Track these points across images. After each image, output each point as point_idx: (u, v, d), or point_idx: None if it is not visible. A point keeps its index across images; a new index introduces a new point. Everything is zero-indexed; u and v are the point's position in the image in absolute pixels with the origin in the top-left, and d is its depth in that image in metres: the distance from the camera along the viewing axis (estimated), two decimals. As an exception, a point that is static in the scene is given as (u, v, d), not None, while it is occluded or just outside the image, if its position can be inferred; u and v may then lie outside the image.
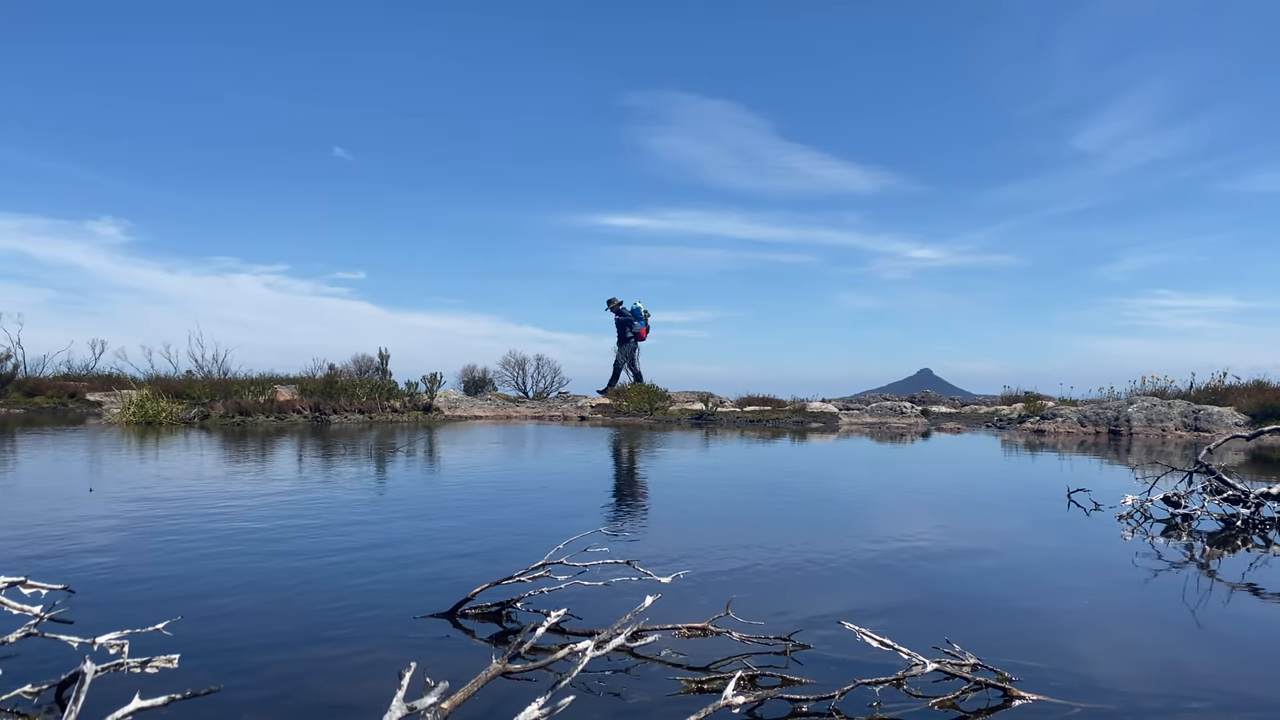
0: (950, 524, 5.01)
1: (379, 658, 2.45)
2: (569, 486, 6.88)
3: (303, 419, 14.81)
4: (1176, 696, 2.26)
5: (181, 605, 2.88)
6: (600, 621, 2.66)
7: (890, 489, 7.00)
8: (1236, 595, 3.43)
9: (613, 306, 18.96)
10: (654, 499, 6.14)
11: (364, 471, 7.41)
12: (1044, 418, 15.48)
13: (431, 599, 3.04)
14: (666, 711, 2.10)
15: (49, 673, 2.13)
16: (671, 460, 9.06)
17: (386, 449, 9.68)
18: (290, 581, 3.33)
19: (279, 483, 6.43)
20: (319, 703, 2.14)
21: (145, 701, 1.82)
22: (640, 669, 2.39)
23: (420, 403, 17.05)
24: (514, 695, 2.11)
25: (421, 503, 5.61)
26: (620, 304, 18.97)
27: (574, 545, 3.24)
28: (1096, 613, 3.13)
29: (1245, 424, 13.96)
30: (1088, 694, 2.22)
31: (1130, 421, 14.43)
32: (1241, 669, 2.53)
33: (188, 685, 2.02)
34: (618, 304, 18.97)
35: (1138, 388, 17.01)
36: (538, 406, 18.82)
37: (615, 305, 18.96)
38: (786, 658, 2.48)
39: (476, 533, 4.50)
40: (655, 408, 18.06)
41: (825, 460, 9.61)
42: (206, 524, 4.53)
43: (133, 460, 8.17)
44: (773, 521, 5.10)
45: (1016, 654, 2.51)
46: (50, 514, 4.78)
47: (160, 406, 13.86)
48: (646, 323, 19.17)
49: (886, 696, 2.18)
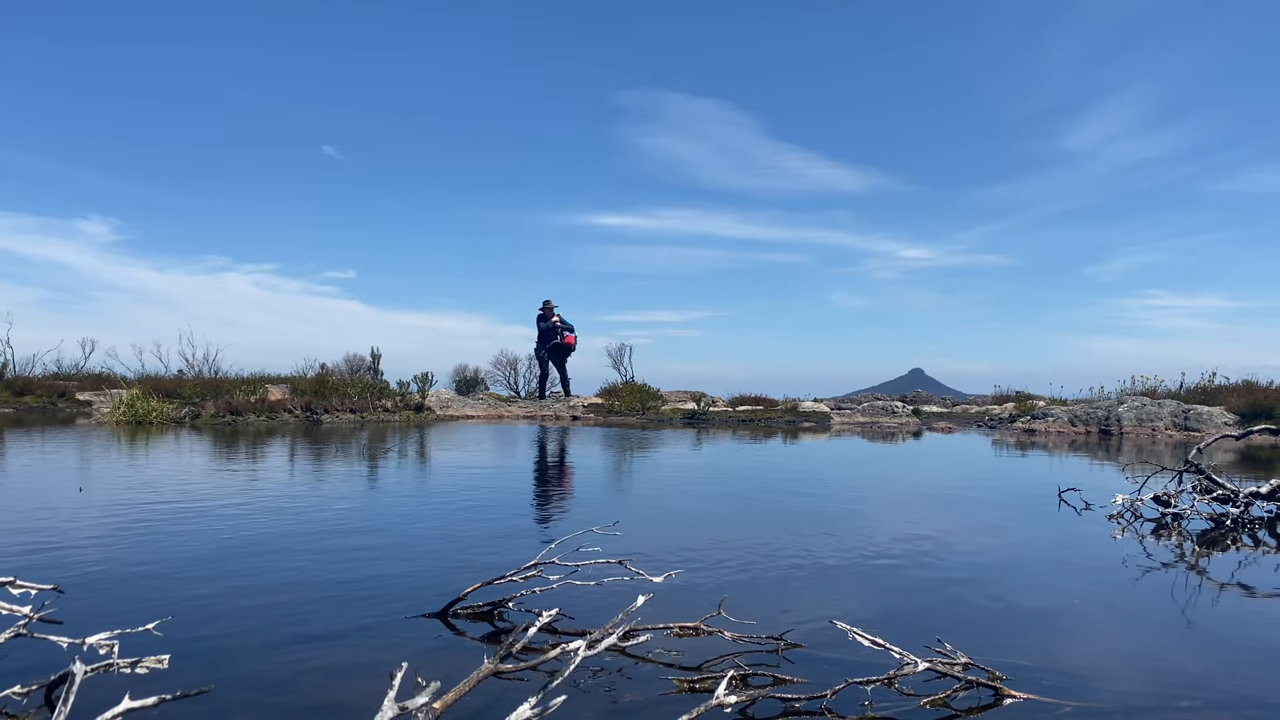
0: (941, 523, 5.03)
1: (370, 658, 2.45)
2: (560, 486, 6.87)
3: (294, 419, 14.77)
4: (1166, 695, 2.27)
5: (172, 605, 2.87)
6: (592, 621, 2.66)
7: (882, 489, 7.01)
8: (1226, 594, 3.45)
9: (549, 311, 18.76)
10: (646, 499, 6.14)
11: (355, 471, 7.39)
12: (1035, 417, 15.54)
13: (423, 599, 3.04)
14: (658, 711, 2.10)
15: (38, 673, 2.12)
16: (664, 460, 9.06)
17: (378, 449, 9.66)
18: (281, 582, 3.32)
19: (270, 483, 6.41)
20: (310, 703, 2.14)
21: (135, 702, 1.82)
22: (632, 669, 2.39)
23: (412, 402, 17.01)
24: (506, 695, 2.11)
25: (412, 502, 5.60)
26: (555, 309, 18.82)
27: (566, 545, 3.24)
28: (1087, 611, 3.15)
29: (1235, 424, 14.04)
30: (1078, 693, 2.23)
31: (1121, 421, 14.50)
32: (1231, 667, 2.54)
33: (178, 686, 2.01)
34: (552, 308, 18.82)
35: (1128, 387, 17.10)
36: (530, 406, 18.79)
37: (551, 309, 18.80)
38: (778, 657, 2.49)
39: (468, 532, 4.49)
40: (647, 407, 18.07)
41: (817, 460, 9.62)
42: (196, 524, 4.51)
43: (123, 460, 8.13)
44: (764, 521, 5.10)
45: (1008, 653, 2.52)
46: (39, 514, 4.75)
47: (151, 406, 13.79)
48: (564, 334, 18.97)
49: (878, 696, 2.19)
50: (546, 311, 18.75)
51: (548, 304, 18.83)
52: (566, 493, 6.44)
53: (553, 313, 18.71)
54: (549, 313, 18.71)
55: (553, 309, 18.76)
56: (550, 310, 18.74)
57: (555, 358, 19.05)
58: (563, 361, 19.07)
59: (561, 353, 18.99)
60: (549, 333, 18.76)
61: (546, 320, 18.68)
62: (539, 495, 6.30)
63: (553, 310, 18.75)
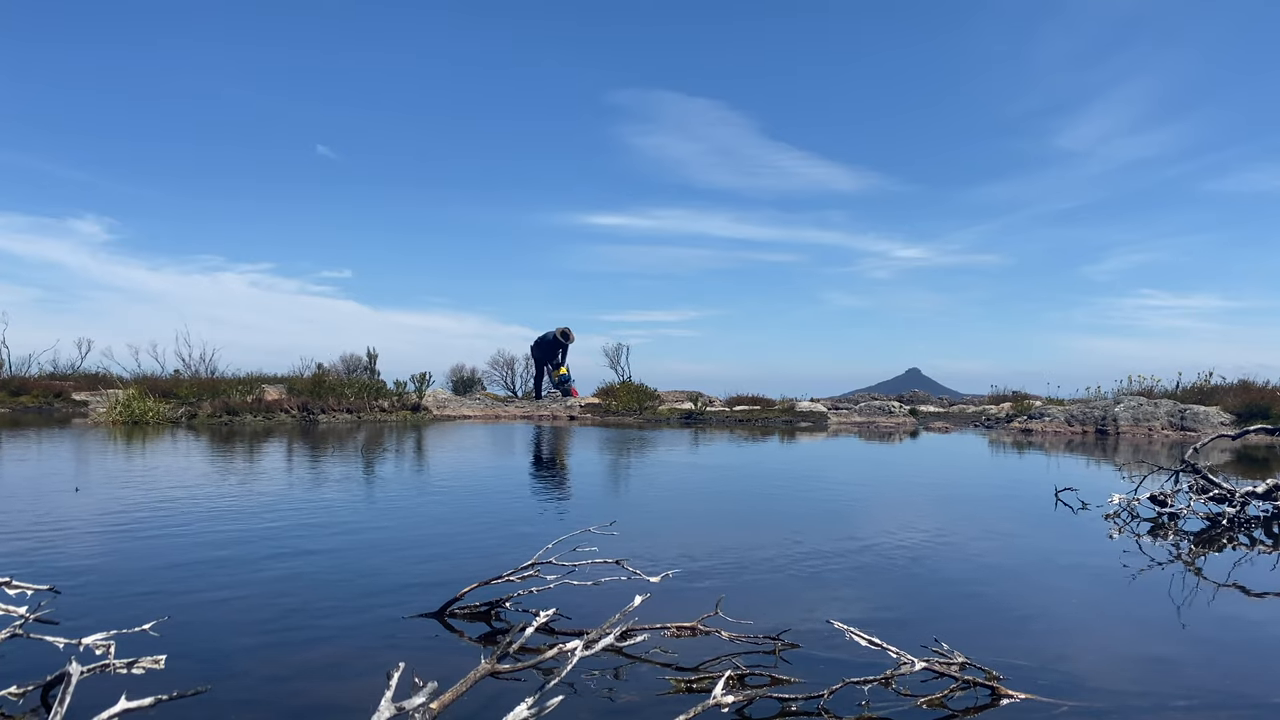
0: (938, 523, 5.03)
1: (367, 658, 2.45)
2: (557, 486, 6.87)
3: (291, 419, 14.75)
4: (1162, 694, 2.27)
5: (168, 606, 2.86)
6: (589, 621, 2.66)
7: (879, 488, 7.02)
8: (1222, 594, 3.46)
9: (562, 334, 19.00)
10: (643, 499, 6.14)
11: (352, 472, 7.38)
12: (1031, 417, 15.56)
13: (419, 599, 3.03)
14: (655, 711, 2.10)
15: (34, 673, 2.11)
16: (660, 460, 9.06)
17: (375, 449, 9.65)
18: (277, 582, 3.31)
19: (266, 483, 6.40)
20: (307, 703, 2.14)
21: (132, 702, 1.81)
22: (629, 669, 2.39)
23: (409, 402, 17.00)
24: (503, 695, 2.10)
25: (409, 502, 5.59)
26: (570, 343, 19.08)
27: (563, 545, 3.24)
28: (1083, 611, 3.15)
29: (1231, 423, 14.07)
30: (1074, 692, 2.24)
31: (1117, 421, 14.52)
32: (1226, 667, 2.55)
33: (174, 686, 2.01)
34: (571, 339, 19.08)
35: (1124, 387, 17.11)
36: (527, 406, 18.78)
37: (570, 338, 19.07)
38: (775, 657, 2.49)
39: (465, 532, 4.49)
40: (645, 407, 18.07)
41: (814, 460, 9.63)
42: (193, 524, 4.51)
43: (119, 460, 8.12)
44: (761, 521, 5.11)
45: (1004, 653, 2.53)
46: (36, 514, 4.74)
47: (147, 406, 13.76)
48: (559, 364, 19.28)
49: (875, 695, 2.19)
50: (565, 335, 18.93)
51: (569, 332, 19.02)
52: (563, 493, 6.44)
53: (566, 339, 18.92)
54: (566, 338, 18.92)
55: (571, 339, 18.98)
56: (569, 338, 18.94)
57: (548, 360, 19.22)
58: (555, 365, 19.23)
59: (552, 357, 19.14)
60: (551, 345, 18.90)
61: (557, 341, 18.90)
62: (536, 495, 6.30)
63: (569, 339, 18.95)
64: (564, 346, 19.05)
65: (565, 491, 6.50)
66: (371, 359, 19.83)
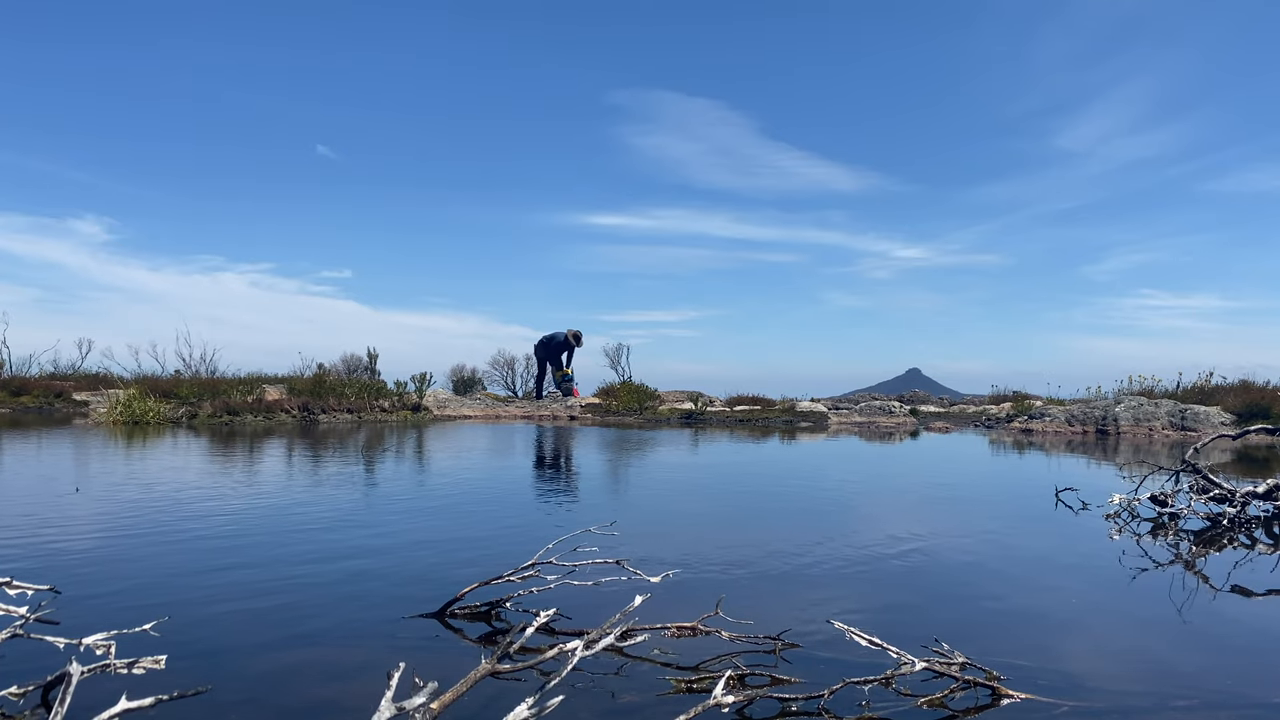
0: (939, 523, 5.03)
1: (367, 658, 2.45)
2: (558, 486, 6.87)
3: (291, 419, 14.75)
4: (1163, 695, 2.27)
5: (169, 606, 2.86)
6: (590, 621, 2.66)
7: (879, 488, 7.02)
8: (1222, 594, 3.46)
9: (574, 336, 19.08)
10: (644, 499, 6.14)
11: (352, 471, 7.38)
12: (1032, 417, 15.56)
13: (420, 599, 3.03)
14: (656, 711, 2.10)
15: (35, 674, 2.11)
16: (661, 460, 9.07)
17: (375, 449, 9.65)
18: (278, 582, 3.31)
19: (267, 483, 6.40)
20: (307, 703, 2.13)
21: (132, 703, 1.81)
22: (630, 669, 2.39)
23: (409, 402, 17.00)
24: (503, 695, 2.10)
25: (409, 503, 5.59)
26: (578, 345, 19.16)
27: (563, 545, 3.24)
28: (1084, 611, 3.15)
29: (1231, 423, 14.07)
30: (1075, 692, 2.24)
31: (1117, 421, 14.52)
32: (1227, 667, 2.55)
33: (175, 686, 2.01)
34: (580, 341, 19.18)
35: (1125, 387, 17.12)
36: (527, 406, 18.78)
37: (579, 341, 19.16)
38: (776, 657, 2.49)
39: (465, 532, 4.49)
40: (645, 407, 18.07)
41: (814, 460, 9.63)
42: (193, 524, 4.51)
43: (119, 460, 8.12)
44: (762, 521, 5.11)
45: (1005, 653, 2.53)
46: (36, 514, 4.74)
47: (147, 406, 13.77)
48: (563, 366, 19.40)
49: (875, 695, 2.19)
50: (577, 338, 18.97)
51: (581, 335, 19.07)
52: (563, 493, 6.44)
53: (577, 342, 18.98)
54: (578, 341, 18.97)
55: (580, 342, 19.02)
56: (577, 340, 18.99)
57: (551, 360, 19.26)
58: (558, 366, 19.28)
59: (557, 358, 19.18)
60: (561, 347, 18.94)
61: (567, 343, 18.94)
62: (536, 495, 6.30)
63: (579, 342, 19.00)
64: (572, 349, 19.11)
65: (565, 491, 6.50)
66: (372, 359, 19.86)
